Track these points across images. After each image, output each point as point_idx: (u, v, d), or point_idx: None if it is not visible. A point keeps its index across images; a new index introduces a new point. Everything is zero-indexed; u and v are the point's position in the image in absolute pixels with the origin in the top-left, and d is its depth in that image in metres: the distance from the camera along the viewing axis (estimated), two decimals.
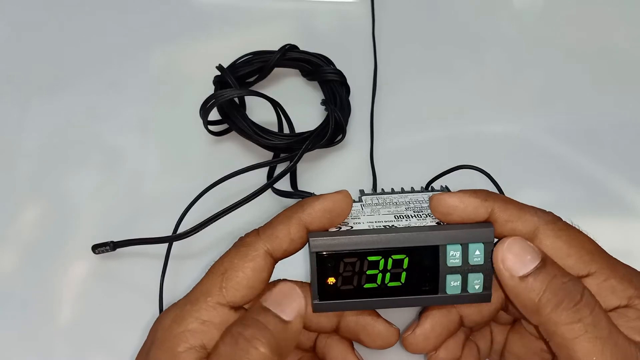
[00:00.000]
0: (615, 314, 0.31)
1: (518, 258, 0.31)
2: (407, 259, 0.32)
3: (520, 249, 0.31)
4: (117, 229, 0.45)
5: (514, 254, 0.31)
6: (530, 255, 0.31)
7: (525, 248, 0.31)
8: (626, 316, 0.30)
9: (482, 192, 0.33)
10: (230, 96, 0.45)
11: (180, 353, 0.30)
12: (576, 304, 0.29)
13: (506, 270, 0.31)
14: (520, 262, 0.31)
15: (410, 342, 0.35)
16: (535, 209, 0.33)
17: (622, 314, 0.31)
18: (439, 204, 0.33)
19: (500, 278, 0.31)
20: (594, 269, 0.31)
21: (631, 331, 0.30)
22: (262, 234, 0.32)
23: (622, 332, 0.30)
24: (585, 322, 0.29)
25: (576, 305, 0.29)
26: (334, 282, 0.33)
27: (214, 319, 0.31)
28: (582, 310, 0.29)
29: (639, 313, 0.30)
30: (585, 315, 0.29)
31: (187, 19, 0.56)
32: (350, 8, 0.56)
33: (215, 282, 0.31)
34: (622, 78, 0.52)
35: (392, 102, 0.51)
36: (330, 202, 0.32)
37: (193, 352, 0.30)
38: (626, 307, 0.31)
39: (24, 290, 0.43)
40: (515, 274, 0.31)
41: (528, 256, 0.31)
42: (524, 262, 0.31)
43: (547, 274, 0.30)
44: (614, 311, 0.31)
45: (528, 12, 0.57)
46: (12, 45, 0.54)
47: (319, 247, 0.32)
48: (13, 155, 0.49)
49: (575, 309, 0.29)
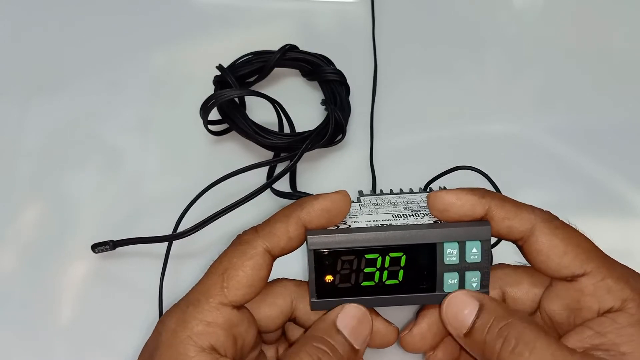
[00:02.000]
0: (606, 320, 0.31)
1: (457, 316, 0.32)
2: (405, 257, 0.33)
3: (459, 305, 0.32)
4: (117, 228, 0.45)
5: (453, 313, 0.32)
6: (467, 309, 0.32)
7: (462, 301, 0.32)
8: (617, 323, 0.30)
9: (479, 190, 0.33)
10: (230, 96, 0.45)
11: (192, 358, 0.30)
12: (514, 349, 0.30)
13: (452, 331, 0.32)
14: (460, 319, 0.32)
15: (408, 341, 0.35)
16: (532, 207, 0.33)
17: (613, 319, 0.30)
18: (436, 201, 0.33)
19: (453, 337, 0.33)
20: (590, 268, 0.31)
21: (620, 339, 0.30)
22: (261, 232, 0.32)
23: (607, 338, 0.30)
24: None
25: (514, 350, 0.30)
26: (331, 279, 0.33)
27: (218, 320, 0.31)
28: (521, 352, 0.29)
29: (630, 319, 0.30)
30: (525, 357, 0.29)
31: (187, 19, 0.56)
32: (350, 8, 0.56)
33: (216, 282, 0.31)
34: (622, 78, 0.52)
35: (392, 102, 0.51)
36: (329, 201, 0.33)
37: (204, 355, 0.30)
38: (619, 310, 0.31)
39: (23, 290, 0.43)
40: (460, 333, 0.32)
41: (466, 310, 0.32)
42: (463, 317, 0.32)
43: (484, 323, 0.31)
44: (606, 316, 0.31)
45: (528, 12, 0.57)
46: (12, 45, 0.55)
47: (316, 245, 0.32)
48: (13, 155, 0.49)
49: (515, 353, 0.30)
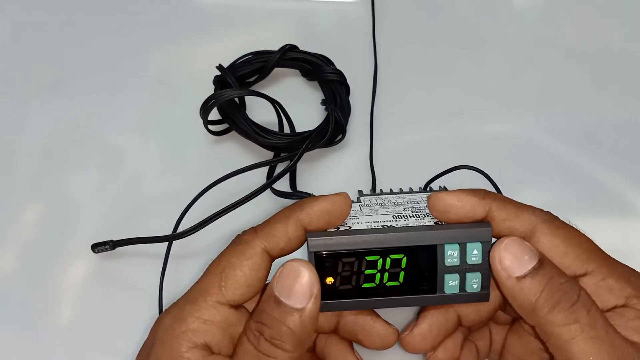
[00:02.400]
0: (613, 314, 0.31)
1: (516, 258, 0.31)
2: (405, 259, 0.32)
3: (518, 249, 0.31)
4: (117, 228, 0.45)
5: (512, 254, 0.31)
6: (527, 256, 0.30)
7: (523, 248, 0.31)
8: (624, 316, 0.30)
9: (479, 191, 0.33)
10: (230, 96, 0.45)
11: (184, 353, 0.30)
12: (573, 305, 0.29)
13: (503, 270, 0.31)
14: (517, 262, 0.30)
15: (408, 342, 0.35)
16: (533, 208, 0.33)
17: (620, 313, 0.31)
18: (436, 202, 0.33)
19: (498, 278, 0.31)
20: (591, 268, 0.31)
21: (629, 331, 0.30)
22: (260, 232, 0.32)
23: (620, 332, 0.30)
24: (582, 322, 0.29)
25: (573, 306, 0.29)
26: (332, 281, 0.33)
27: (215, 318, 0.31)
28: (578, 310, 0.29)
29: (637, 313, 0.30)
30: (582, 316, 0.29)
31: (187, 19, 0.56)
32: (350, 8, 0.56)
33: (214, 281, 0.31)
34: (622, 78, 0.52)
35: (392, 102, 0.51)
36: (330, 203, 0.32)
37: (196, 352, 0.30)
38: (624, 306, 0.31)
39: (23, 290, 0.43)
40: (513, 274, 0.30)
41: (526, 256, 0.30)
42: (521, 262, 0.30)
43: (545, 275, 0.30)
44: (612, 311, 0.31)
45: (528, 12, 0.57)
46: (12, 45, 0.54)
47: (317, 246, 0.32)
48: (13, 155, 0.49)
49: (572, 309, 0.29)
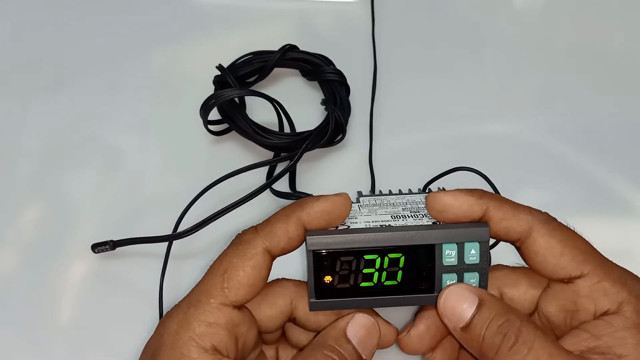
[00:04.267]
0: (603, 323, 0.31)
1: (456, 309, 0.32)
2: (403, 258, 0.32)
3: (457, 298, 0.32)
4: (117, 228, 0.45)
5: (451, 306, 0.32)
6: (466, 303, 0.31)
7: (461, 295, 0.32)
8: (612, 326, 0.30)
9: (477, 191, 0.33)
10: (230, 96, 0.45)
11: (196, 359, 0.30)
12: (512, 346, 0.30)
13: (449, 323, 0.32)
14: (458, 313, 0.31)
15: (405, 343, 0.35)
16: (530, 208, 0.33)
17: (609, 322, 0.30)
18: (434, 202, 0.33)
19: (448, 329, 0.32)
20: (587, 270, 0.31)
21: (615, 342, 0.30)
22: (261, 232, 0.32)
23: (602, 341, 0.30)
24: None
25: (513, 347, 0.30)
26: (330, 280, 0.33)
27: (220, 320, 0.31)
28: (520, 350, 0.29)
29: (626, 322, 0.30)
30: (523, 355, 0.29)
31: (187, 19, 0.56)
32: (350, 8, 0.56)
33: (216, 282, 0.31)
34: (621, 78, 0.52)
35: (392, 103, 0.51)
36: (330, 203, 0.33)
37: (207, 356, 0.30)
38: (615, 313, 0.31)
39: (23, 290, 0.43)
40: (457, 326, 0.31)
41: (464, 305, 0.31)
42: (461, 311, 0.31)
43: (484, 319, 0.31)
44: (601, 318, 0.31)
45: (528, 12, 0.57)
46: (12, 45, 0.55)
47: (315, 245, 0.32)
48: (13, 155, 0.49)
49: (513, 351, 0.29)
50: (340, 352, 0.31)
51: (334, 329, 0.33)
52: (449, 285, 0.32)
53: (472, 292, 0.32)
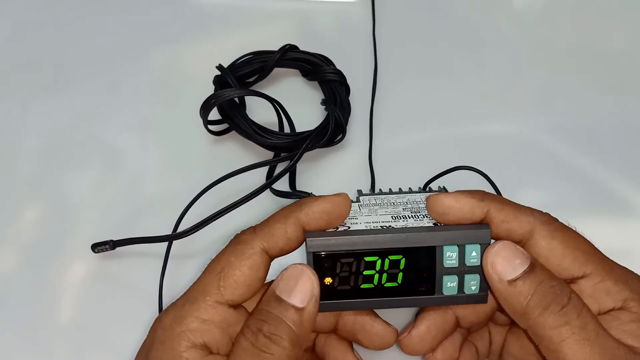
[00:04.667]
0: (609, 317, 0.31)
1: (507, 262, 0.31)
2: (404, 260, 0.32)
3: (510, 253, 0.31)
4: (117, 228, 0.45)
5: (503, 258, 0.31)
6: (519, 260, 0.31)
7: (514, 252, 0.31)
8: (619, 319, 0.30)
9: (478, 193, 0.33)
10: (230, 96, 0.45)
11: (182, 352, 0.30)
12: (563, 307, 0.29)
13: (495, 274, 0.31)
14: (509, 266, 0.31)
15: (406, 343, 0.35)
16: (532, 210, 0.33)
17: (616, 316, 0.30)
18: (435, 204, 0.33)
19: (490, 282, 0.31)
20: (590, 270, 0.31)
21: (624, 334, 0.30)
22: (259, 232, 0.32)
23: (613, 335, 0.29)
24: (573, 324, 0.29)
25: (563, 309, 0.29)
26: (330, 282, 0.33)
27: (214, 318, 0.31)
28: (569, 313, 0.29)
29: (633, 316, 0.30)
30: (572, 318, 0.29)
31: (187, 19, 0.56)
32: (350, 8, 0.56)
33: (213, 280, 0.31)
34: (621, 78, 0.52)
35: (392, 102, 0.51)
36: (329, 204, 0.32)
37: (195, 351, 0.30)
38: (620, 309, 0.31)
39: (23, 290, 0.43)
40: (504, 278, 0.31)
41: (517, 260, 0.31)
42: (513, 266, 0.31)
43: (535, 278, 0.30)
44: (608, 314, 0.31)
45: (528, 12, 0.57)
46: (12, 45, 0.55)
47: (316, 247, 0.32)
48: (13, 155, 0.49)
49: (563, 312, 0.29)
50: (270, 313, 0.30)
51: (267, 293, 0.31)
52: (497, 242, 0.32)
53: (525, 253, 0.31)
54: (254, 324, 0.30)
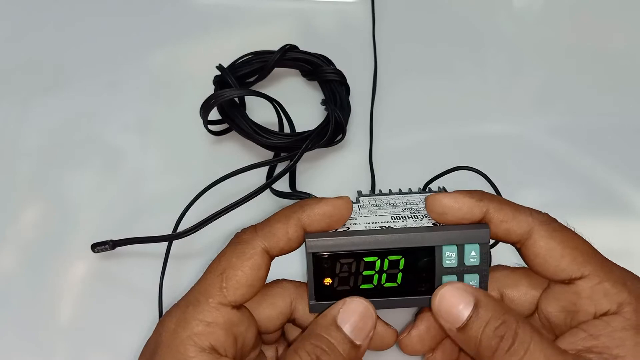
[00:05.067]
0: (601, 323, 0.31)
1: (452, 310, 0.31)
2: (403, 260, 0.32)
3: (452, 300, 0.31)
4: (117, 228, 0.45)
5: (447, 307, 0.31)
6: (462, 304, 0.31)
7: (457, 297, 0.31)
8: (610, 326, 0.30)
9: (477, 193, 0.33)
10: (230, 96, 0.45)
11: (192, 358, 0.30)
12: (510, 347, 0.29)
13: (445, 325, 0.32)
14: (454, 313, 0.31)
15: (406, 344, 0.35)
16: (531, 210, 0.33)
17: (607, 322, 0.30)
18: (434, 204, 0.33)
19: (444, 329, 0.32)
20: (588, 271, 0.31)
21: (613, 342, 0.30)
22: (260, 232, 0.32)
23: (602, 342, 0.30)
24: None
25: (510, 348, 0.29)
26: (330, 282, 0.33)
27: (218, 320, 0.31)
28: (517, 352, 0.29)
29: (625, 323, 0.30)
30: (520, 356, 0.29)
31: (187, 19, 0.56)
32: (350, 8, 0.56)
33: (215, 282, 0.31)
34: (621, 78, 0.52)
35: (392, 102, 0.51)
36: (331, 206, 0.32)
37: (204, 355, 0.30)
38: (615, 314, 0.31)
39: (23, 290, 0.43)
40: (453, 327, 0.31)
41: (460, 306, 0.31)
42: (458, 312, 0.31)
43: (481, 320, 0.30)
44: (600, 319, 0.31)
45: (528, 12, 0.57)
46: (12, 45, 0.55)
47: (315, 247, 0.32)
48: (13, 155, 0.49)
49: (510, 352, 0.29)
50: (328, 341, 0.31)
51: (324, 317, 0.32)
52: (444, 284, 0.32)
53: (468, 292, 0.31)
54: (311, 349, 0.30)
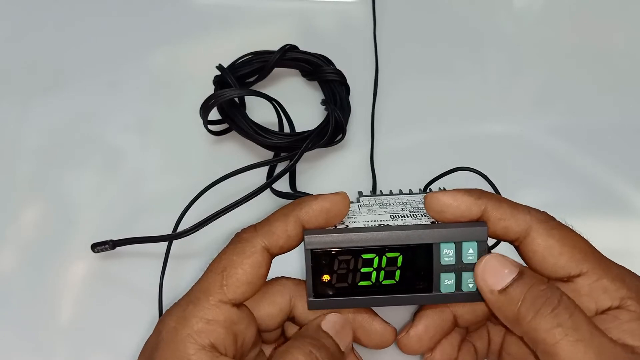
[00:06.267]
0: (607, 317, 0.31)
1: (496, 273, 0.31)
2: (401, 257, 0.33)
3: (497, 264, 0.32)
4: (117, 228, 0.45)
5: (492, 269, 0.32)
6: (507, 269, 0.31)
7: (502, 263, 0.32)
8: (618, 318, 0.30)
9: (475, 191, 0.33)
10: (230, 96, 0.45)
11: (192, 356, 0.30)
12: (554, 309, 0.29)
13: (486, 286, 0.32)
14: (498, 276, 0.31)
15: (405, 343, 0.35)
16: (529, 208, 0.33)
17: (615, 316, 0.30)
18: (432, 202, 0.33)
19: (482, 294, 0.32)
20: (586, 269, 0.31)
21: (623, 334, 0.30)
22: (260, 230, 0.33)
23: (613, 335, 0.30)
24: (565, 326, 0.29)
25: (554, 310, 0.29)
26: (328, 279, 0.33)
27: (218, 317, 0.31)
28: (560, 314, 0.29)
29: (631, 315, 0.30)
30: (564, 320, 0.29)
31: (187, 19, 0.56)
32: (351, 8, 0.56)
33: (216, 280, 0.32)
34: (622, 78, 0.52)
35: (392, 102, 0.51)
36: (328, 202, 0.33)
37: (204, 353, 0.30)
38: (618, 308, 0.31)
39: (23, 290, 0.43)
40: (495, 288, 0.31)
41: (505, 270, 0.31)
42: (501, 276, 0.31)
43: (525, 284, 0.31)
44: (606, 313, 0.31)
45: (528, 12, 0.57)
46: (12, 45, 0.55)
47: (314, 244, 0.32)
48: (13, 155, 0.49)
49: (554, 314, 0.29)
50: (320, 341, 0.32)
51: (312, 325, 0.33)
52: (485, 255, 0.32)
53: (513, 263, 0.32)
54: (306, 346, 0.31)
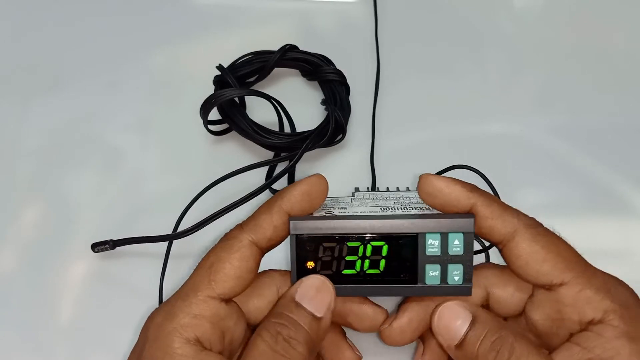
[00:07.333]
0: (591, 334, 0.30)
1: (449, 326, 0.32)
2: (386, 247, 0.33)
3: (451, 314, 0.32)
4: (117, 228, 0.45)
5: (446, 322, 0.32)
6: (460, 319, 0.32)
7: (455, 312, 0.32)
8: (602, 336, 0.30)
9: (469, 185, 0.33)
10: (230, 96, 0.45)
11: (177, 349, 0.30)
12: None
13: (444, 342, 0.32)
14: (451, 331, 0.32)
15: (387, 334, 0.35)
16: (518, 212, 0.33)
17: (598, 333, 0.30)
18: (425, 183, 0.33)
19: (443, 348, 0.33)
20: (569, 278, 0.31)
21: (606, 353, 0.30)
22: (246, 227, 0.33)
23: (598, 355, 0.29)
24: None
25: None
26: (312, 266, 0.33)
27: (205, 312, 0.31)
28: None
29: (615, 331, 0.30)
30: None
31: (187, 19, 0.56)
32: (350, 8, 0.56)
33: (204, 276, 0.32)
34: (622, 78, 0.52)
35: (392, 102, 0.51)
36: (306, 185, 0.33)
37: (189, 347, 0.30)
38: (600, 322, 0.30)
39: (23, 290, 0.43)
40: (451, 345, 0.32)
41: (458, 321, 0.32)
42: (455, 329, 0.32)
43: (478, 336, 0.31)
44: (589, 330, 0.31)
45: (528, 12, 0.57)
46: (12, 45, 0.55)
47: (298, 229, 0.32)
48: (13, 155, 0.49)
49: None
50: (289, 317, 0.31)
51: (284, 297, 0.33)
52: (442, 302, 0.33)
53: (466, 308, 0.32)
54: (272, 326, 0.31)
